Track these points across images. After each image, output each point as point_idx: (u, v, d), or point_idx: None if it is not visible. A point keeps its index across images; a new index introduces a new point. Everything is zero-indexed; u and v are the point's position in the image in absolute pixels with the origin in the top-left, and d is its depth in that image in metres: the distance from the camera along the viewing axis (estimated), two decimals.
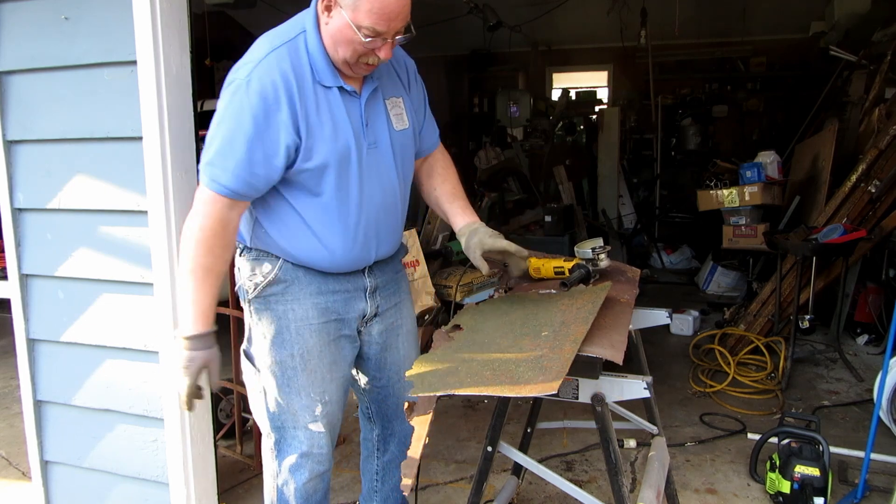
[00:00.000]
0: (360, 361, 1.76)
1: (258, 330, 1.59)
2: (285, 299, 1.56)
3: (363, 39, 1.36)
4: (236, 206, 1.44)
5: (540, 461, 2.14)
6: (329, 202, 1.50)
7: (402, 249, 1.80)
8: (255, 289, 1.56)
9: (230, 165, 1.39)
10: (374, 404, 1.82)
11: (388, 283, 1.71)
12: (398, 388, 1.79)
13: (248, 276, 1.58)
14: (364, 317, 1.67)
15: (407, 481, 1.57)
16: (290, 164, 1.44)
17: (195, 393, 1.49)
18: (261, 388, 1.62)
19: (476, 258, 1.68)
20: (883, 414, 2.83)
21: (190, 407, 1.50)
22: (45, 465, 2.30)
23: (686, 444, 2.90)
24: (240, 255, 1.62)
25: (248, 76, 1.39)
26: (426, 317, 3.55)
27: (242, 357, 1.65)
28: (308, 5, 1.49)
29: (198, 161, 1.65)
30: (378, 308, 1.69)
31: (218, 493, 2.24)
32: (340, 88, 1.48)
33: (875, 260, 4.09)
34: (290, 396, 1.59)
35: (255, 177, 1.41)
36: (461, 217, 1.73)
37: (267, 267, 1.56)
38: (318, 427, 1.62)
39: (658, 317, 1.93)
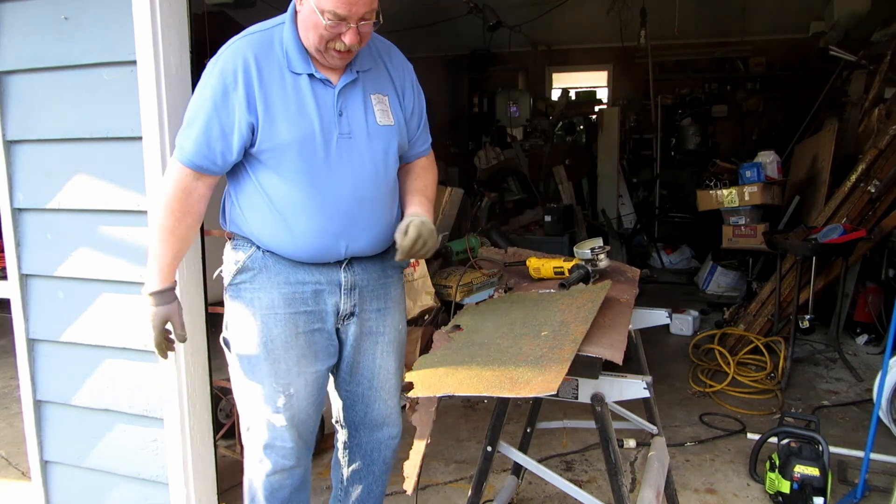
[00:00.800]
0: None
1: (230, 317, 1.64)
2: (253, 287, 1.59)
3: (325, 23, 1.42)
4: (201, 177, 1.53)
5: (540, 461, 2.14)
6: (293, 185, 1.53)
7: (394, 255, 1.72)
8: (229, 277, 1.62)
9: (192, 138, 1.50)
10: (343, 409, 1.80)
11: (373, 285, 1.69)
12: (368, 396, 1.75)
13: (226, 265, 1.65)
14: (339, 313, 1.65)
15: (409, 483, 1.56)
16: (252, 143, 1.51)
17: (163, 343, 1.61)
18: (234, 376, 1.67)
19: (398, 230, 1.58)
20: (882, 414, 2.83)
21: (163, 355, 1.63)
22: (44, 464, 2.30)
23: (686, 444, 2.90)
24: (225, 246, 1.68)
25: (217, 59, 1.51)
26: (426, 317, 3.56)
27: (221, 344, 1.69)
28: None
29: None
30: (355, 307, 1.66)
31: (218, 493, 2.24)
32: (311, 76, 1.53)
33: (875, 260, 4.09)
34: (254, 385, 1.61)
35: (212, 151, 1.50)
36: (413, 207, 1.66)
37: (241, 255, 1.61)
38: (279, 420, 1.61)
39: (658, 317, 1.94)
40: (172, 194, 1.52)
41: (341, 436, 1.83)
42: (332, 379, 1.79)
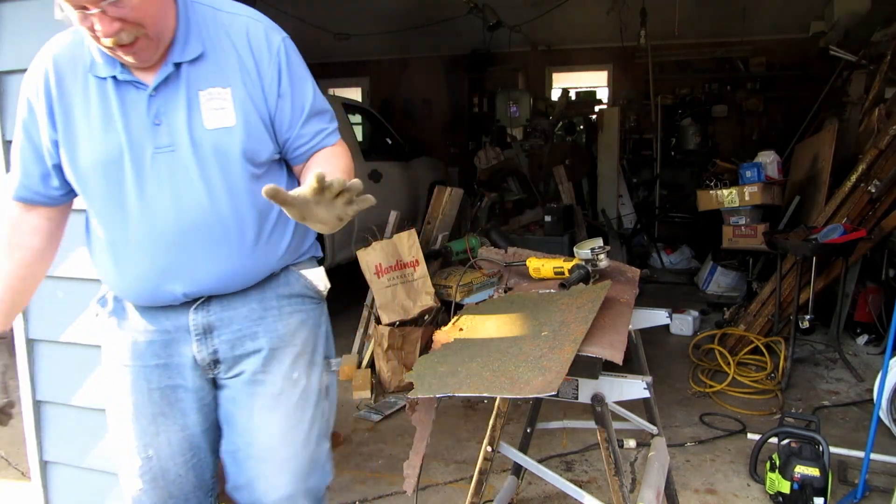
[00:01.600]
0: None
1: None
2: (106, 333, 1.40)
3: (72, 13, 1.14)
4: (33, 209, 1.34)
5: (540, 461, 2.14)
6: (105, 215, 1.28)
7: (287, 283, 1.40)
8: (92, 318, 1.46)
9: (13, 165, 1.33)
10: (228, 474, 1.46)
11: (241, 323, 1.35)
12: (243, 462, 1.39)
13: None
14: (203, 363, 1.36)
15: (409, 483, 1.55)
16: (61, 166, 1.29)
17: None
18: None
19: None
20: (883, 414, 2.83)
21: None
22: (44, 465, 2.30)
23: (686, 445, 2.90)
24: None
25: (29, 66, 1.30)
26: (426, 317, 3.56)
27: None
28: (308, 5, 1.45)
29: None
30: (217, 354, 1.35)
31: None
32: (114, 79, 1.23)
33: (875, 260, 4.09)
34: (114, 440, 1.43)
35: (30, 178, 1.31)
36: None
37: (99, 293, 1.43)
38: (136, 484, 1.39)
39: (658, 317, 1.94)
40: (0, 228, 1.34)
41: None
42: None
